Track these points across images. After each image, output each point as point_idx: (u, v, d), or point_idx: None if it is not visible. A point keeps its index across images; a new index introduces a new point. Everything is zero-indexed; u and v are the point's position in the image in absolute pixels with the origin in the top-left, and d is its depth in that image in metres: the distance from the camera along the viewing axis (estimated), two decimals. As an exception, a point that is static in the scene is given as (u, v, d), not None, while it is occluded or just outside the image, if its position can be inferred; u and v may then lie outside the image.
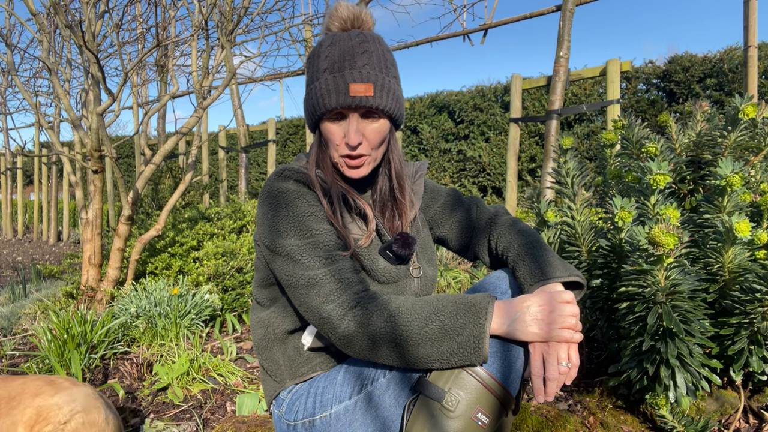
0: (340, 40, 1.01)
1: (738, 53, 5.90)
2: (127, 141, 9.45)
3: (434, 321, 0.88)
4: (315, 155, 1.08)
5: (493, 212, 1.22)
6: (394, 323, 0.90)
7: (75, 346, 2.07)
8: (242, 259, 2.95)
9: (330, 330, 0.94)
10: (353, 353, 0.94)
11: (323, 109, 1.00)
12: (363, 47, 1.00)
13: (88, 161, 2.94)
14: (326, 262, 0.97)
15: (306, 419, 1.03)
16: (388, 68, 1.03)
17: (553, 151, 1.94)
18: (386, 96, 1.00)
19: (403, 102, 1.09)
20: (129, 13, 4.03)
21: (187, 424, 1.66)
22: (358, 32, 1.03)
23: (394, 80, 1.04)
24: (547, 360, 0.89)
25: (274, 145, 6.02)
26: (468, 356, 0.87)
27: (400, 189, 1.12)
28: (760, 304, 1.24)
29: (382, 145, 1.06)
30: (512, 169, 4.43)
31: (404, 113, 1.10)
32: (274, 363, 1.10)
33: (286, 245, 0.98)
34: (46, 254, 6.80)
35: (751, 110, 1.48)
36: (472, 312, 0.88)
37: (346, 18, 1.04)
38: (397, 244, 1.05)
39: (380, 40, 1.05)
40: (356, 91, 0.97)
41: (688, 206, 1.60)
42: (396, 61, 1.09)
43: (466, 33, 5.07)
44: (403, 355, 0.90)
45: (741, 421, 1.41)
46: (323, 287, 0.94)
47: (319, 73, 1.01)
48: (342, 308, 0.92)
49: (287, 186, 1.03)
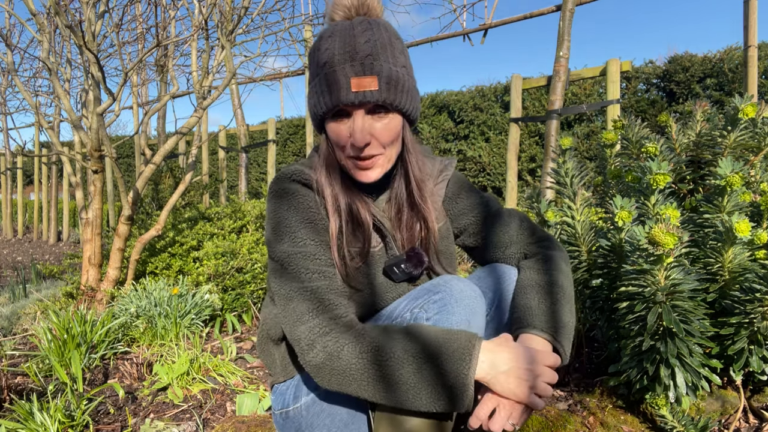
0: (342, 29, 0.90)
1: (738, 53, 5.90)
2: (127, 141, 9.45)
3: (412, 363, 0.80)
4: (324, 158, 0.98)
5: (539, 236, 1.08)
6: (366, 361, 0.82)
7: (75, 346, 2.07)
8: (242, 259, 2.95)
9: (299, 354, 0.88)
10: (323, 385, 0.87)
11: (324, 108, 0.90)
12: (366, 36, 0.88)
13: (88, 161, 2.94)
14: (309, 277, 0.89)
15: (283, 410, 1.05)
16: (395, 57, 0.90)
17: (553, 151, 1.94)
18: (394, 89, 0.88)
19: (418, 94, 0.97)
20: (129, 13, 4.03)
21: (187, 424, 1.66)
22: (362, 19, 0.91)
23: (403, 70, 0.91)
24: (498, 412, 0.84)
25: (274, 145, 6.02)
26: (450, 406, 0.81)
27: (420, 193, 1.00)
28: (760, 304, 1.24)
29: (394, 143, 0.94)
30: (512, 169, 4.43)
31: (419, 106, 0.97)
32: (271, 358, 1.12)
33: (277, 250, 0.92)
34: (46, 254, 6.80)
35: (751, 110, 1.48)
36: (454, 358, 0.80)
37: (351, 5, 0.93)
38: (411, 263, 0.97)
39: (387, 26, 0.93)
40: (359, 85, 0.86)
41: (688, 206, 1.60)
42: (407, 50, 0.96)
43: (466, 33, 5.07)
44: (377, 397, 0.83)
45: (741, 421, 1.41)
46: (300, 305, 0.87)
47: (319, 67, 0.90)
48: (312, 333, 0.85)
49: (292, 187, 0.96)
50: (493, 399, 0.84)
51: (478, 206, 1.11)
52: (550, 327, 0.92)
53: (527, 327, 0.92)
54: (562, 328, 0.93)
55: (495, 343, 0.85)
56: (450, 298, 0.89)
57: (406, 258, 0.98)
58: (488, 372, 0.82)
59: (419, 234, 1.01)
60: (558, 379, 0.89)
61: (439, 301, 0.89)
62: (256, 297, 2.83)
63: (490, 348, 0.84)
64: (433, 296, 0.90)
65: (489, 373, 0.82)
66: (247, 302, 2.79)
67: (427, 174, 1.05)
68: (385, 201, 1.04)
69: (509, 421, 0.84)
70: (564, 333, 0.93)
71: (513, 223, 1.09)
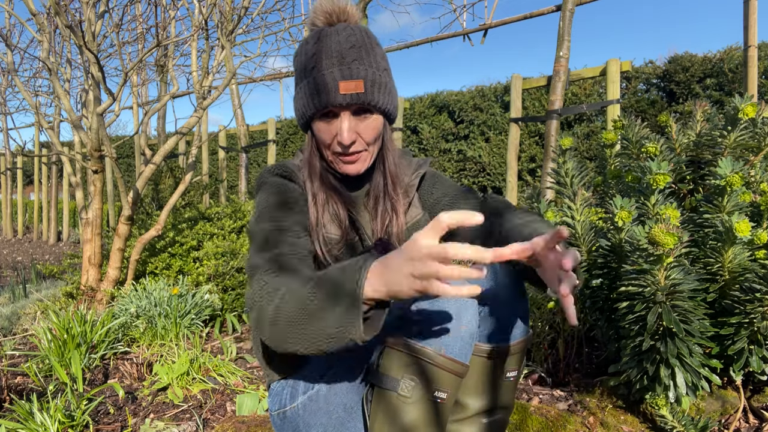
0: (327, 35, 0.97)
1: (738, 53, 5.90)
2: (127, 141, 9.45)
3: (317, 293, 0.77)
4: (308, 154, 1.06)
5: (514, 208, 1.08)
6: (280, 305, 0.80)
7: (75, 346, 2.07)
8: (242, 259, 2.95)
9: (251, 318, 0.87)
10: (267, 343, 0.85)
11: (313, 109, 0.97)
12: (351, 41, 0.96)
13: (88, 161, 2.94)
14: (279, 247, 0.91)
15: (280, 410, 1.05)
16: (378, 62, 0.99)
17: (553, 151, 1.94)
18: (378, 91, 0.96)
19: (397, 96, 1.05)
20: (129, 13, 4.03)
21: (187, 424, 1.66)
22: (344, 26, 0.99)
23: (385, 73, 1.00)
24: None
25: (274, 145, 6.02)
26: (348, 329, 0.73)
27: (394, 186, 1.09)
28: (760, 304, 1.24)
29: (377, 141, 1.03)
30: (512, 169, 4.43)
31: (398, 107, 1.05)
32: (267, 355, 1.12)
33: (256, 229, 0.96)
34: (46, 254, 6.80)
35: (751, 110, 1.48)
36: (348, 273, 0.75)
37: (331, 12, 1.00)
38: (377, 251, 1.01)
39: (368, 33, 1.01)
40: (346, 88, 0.93)
41: (688, 206, 1.60)
42: (386, 54, 1.04)
43: (466, 33, 5.07)
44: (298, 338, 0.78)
45: (741, 421, 1.41)
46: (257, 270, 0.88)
47: (306, 71, 0.97)
48: (256, 294, 0.85)
49: (272, 179, 1.04)
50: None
51: (453, 192, 1.14)
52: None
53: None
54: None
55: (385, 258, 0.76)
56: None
57: (373, 246, 1.03)
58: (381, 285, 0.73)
59: (391, 224, 1.07)
60: (556, 377, 0.88)
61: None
62: (256, 297, 2.83)
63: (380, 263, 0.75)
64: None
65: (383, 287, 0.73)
66: (247, 302, 2.79)
67: (403, 170, 1.13)
68: (363, 194, 1.11)
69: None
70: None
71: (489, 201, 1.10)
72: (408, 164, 1.16)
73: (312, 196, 1.03)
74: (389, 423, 0.87)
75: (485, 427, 0.95)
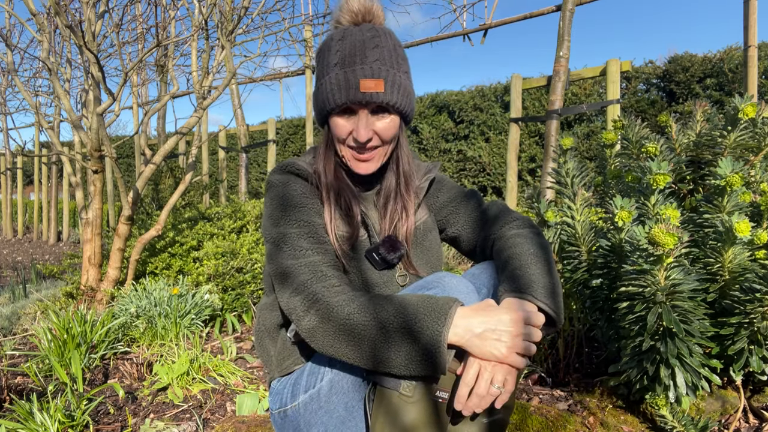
0: (351, 34, 1.00)
1: (738, 53, 5.90)
2: (127, 141, 9.46)
3: (393, 321, 0.84)
4: (323, 150, 1.07)
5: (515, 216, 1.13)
6: (354, 320, 0.86)
7: (75, 346, 2.07)
8: (242, 259, 2.95)
9: (296, 322, 0.93)
10: (318, 349, 0.92)
11: (333, 105, 0.99)
12: (374, 42, 0.98)
13: (88, 161, 2.94)
14: (303, 254, 0.96)
15: (281, 409, 1.06)
16: (399, 63, 1.01)
17: (553, 151, 1.94)
18: (397, 92, 0.98)
19: (414, 98, 1.07)
20: (129, 13, 4.03)
21: (187, 424, 1.66)
22: (369, 26, 1.01)
23: (405, 75, 1.02)
24: (481, 375, 0.85)
25: (274, 145, 6.02)
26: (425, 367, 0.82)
27: (407, 186, 1.10)
28: (760, 304, 1.24)
29: (392, 140, 1.04)
30: (512, 169, 4.43)
31: (414, 109, 1.08)
32: (267, 353, 1.13)
33: (273, 232, 0.99)
34: (46, 254, 6.80)
35: (751, 110, 1.48)
36: (432, 317, 0.83)
37: (358, 11, 1.02)
38: (384, 247, 1.04)
39: (391, 35, 1.03)
40: (367, 86, 0.95)
41: (688, 206, 1.60)
42: (407, 56, 1.06)
43: (466, 33, 5.07)
44: (362, 355, 0.86)
45: (741, 421, 1.41)
46: (296, 278, 0.93)
47: (329, 67, 0.99)
48: (308, 300, 0.90)
49: (283, 178, 1.05)
50: (475, 362, 0.86)
51: (458, 197, 1.19)
52: (528, 288, 0.92)
53: (505, 291, 0.93)
54: (542, 288, 0.93)
55: (472, 308, 0.87)
56: (443, 293, 0.91)
57: (381, 243, 1.05)
58: (463, 336, 0.84)
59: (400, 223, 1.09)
60: (556, 377, 0.89)
61: None
62: (256, 297, 2.83)
63: (467, 313, 0.86)
64: (427, 291, 0.93)
65: (464, 336, 0.84)
66: (247, 302, 2.79)
67: (414, 170, 1.15)
68: (375, 193, 1.12)
69: (494, 384, 0.85)
70: (544, 292, 0.93)
71: (492, 208, 1.15)
72: (417, 167, 1.17)
73: (326, 190, 1.05)
74: (390, 422, 0.87)
75: (485, 427, 0.95)
